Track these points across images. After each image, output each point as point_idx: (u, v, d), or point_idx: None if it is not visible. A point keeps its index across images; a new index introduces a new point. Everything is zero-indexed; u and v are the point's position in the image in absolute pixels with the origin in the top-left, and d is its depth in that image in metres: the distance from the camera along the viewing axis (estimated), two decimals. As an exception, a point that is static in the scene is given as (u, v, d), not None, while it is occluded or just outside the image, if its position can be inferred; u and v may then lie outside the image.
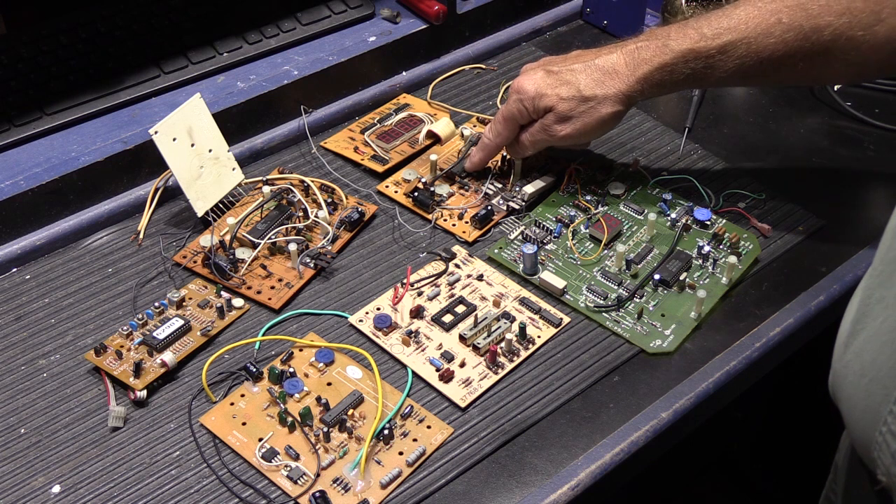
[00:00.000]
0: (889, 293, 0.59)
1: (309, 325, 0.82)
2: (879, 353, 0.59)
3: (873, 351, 0.60)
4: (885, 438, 0.59)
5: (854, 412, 0.62)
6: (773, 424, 1.33)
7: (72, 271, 0.87)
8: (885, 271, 0.60)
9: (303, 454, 0.72)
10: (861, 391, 0.61)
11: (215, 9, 1.06)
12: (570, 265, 0.86)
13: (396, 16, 1.10)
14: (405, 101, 1.05)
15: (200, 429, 0.74)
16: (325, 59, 1.04)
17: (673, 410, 0.75)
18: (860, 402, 0.61)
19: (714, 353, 0.79)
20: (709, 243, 0.87)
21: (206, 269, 0.85)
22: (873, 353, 0.60)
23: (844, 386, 0.64)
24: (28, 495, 0.70)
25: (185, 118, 0.88)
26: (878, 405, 0.59)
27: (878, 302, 0.60)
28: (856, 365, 0.62)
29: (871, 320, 0.61)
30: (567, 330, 0.81)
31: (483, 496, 0.70)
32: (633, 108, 1.04)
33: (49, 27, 0.99)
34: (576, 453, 0.73)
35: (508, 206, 0.91)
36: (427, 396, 0.76)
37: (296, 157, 0.99)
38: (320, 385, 0.76)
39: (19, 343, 0.81)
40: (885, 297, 0.59)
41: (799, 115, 1.04)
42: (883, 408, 0.58)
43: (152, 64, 1.01)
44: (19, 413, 0.76)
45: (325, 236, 0.88)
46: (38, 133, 0.95)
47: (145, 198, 0.92)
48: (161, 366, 0.77)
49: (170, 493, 0.70)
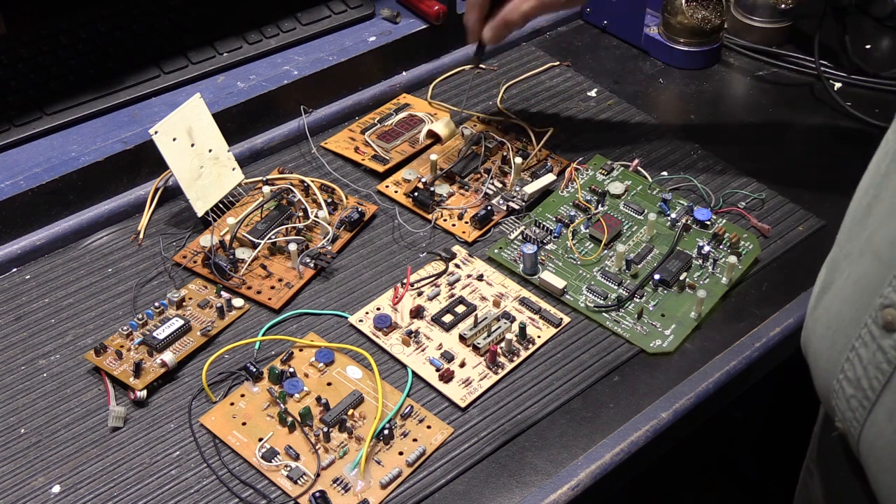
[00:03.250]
0: (854, 248, 0.61)
1: (309, 325, 0.82)
2: (844, 305, 0.61)
3: (839, 303, 0.62)
4: (841, 385, 0.61)
5: (819, 363, 0.64)
6: (773, 424, 1.33)
7: (72, 271, 0.87)
8: (851, 227, 0.62)
9: (303, 454, 0.72)
10: (827, 342, 0.63)
11: (215, 9, 1.06)
12: (570, 265, 0.86)
13: (396, 16, 1.10)
14: (405, 101, 1.05)
15: (200, 429, 0.74)
16: (325, 59, 1.04)
17: (673, 410, 0.75)
18: (825, 352, 0.63)
19: (714, 353, 0.79)
20: (709, 243, 0.87)
21: (206, 269, 0.85)
22: (839, 305, 0.62)
23: (813, 339, 0.66)
24: (28, 495, 0.70)
25: (185, 118, 0.88)
26: (839, 354, 0.61)
27: (844, 258, 0.62)
28: (824, 319, 0.64)
29: (839, 275, 0.63)
30: (567, 330, 0.81)
31: (483, 496, 0.70)
32: (633, 108, 1.04)
33: (49, 27, 0.99)
34: (576, 453, 0.73)
35: (508, 206, 0.91)
36: (427, 396, 0.76)
37: (296, 157, 0.99)
38: (320, 385, 0.76)
39: (19, 343, 0.81)
40: (850, 252, 0.61)
41: (799, 115, 1.04)
42: (842, 356, 0.60)
43: (152, 64, 1.01)
44: (19, 413, 0.76)
45: (325, 236, 0.88)
46: (38, 133, 0.95)
47: (145, 198, 0.92)
48: (161, 366, 0.77)
49: (170, 493, 0.70)
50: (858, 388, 0.59)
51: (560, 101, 1.05)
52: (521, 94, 1.06)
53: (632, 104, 1.05)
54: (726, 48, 1.13)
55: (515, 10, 0.88)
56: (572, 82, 1.08)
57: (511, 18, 0.89)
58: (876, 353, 0.57)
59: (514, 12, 0.88)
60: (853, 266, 0.61)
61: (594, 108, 1.04)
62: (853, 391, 0.60)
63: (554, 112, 1.04)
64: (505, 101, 1.05)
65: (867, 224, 0.60)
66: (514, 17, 0.89)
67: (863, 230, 0.60)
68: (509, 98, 1.05)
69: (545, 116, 1.03)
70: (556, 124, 1.02)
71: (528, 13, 0.88)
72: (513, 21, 0.90)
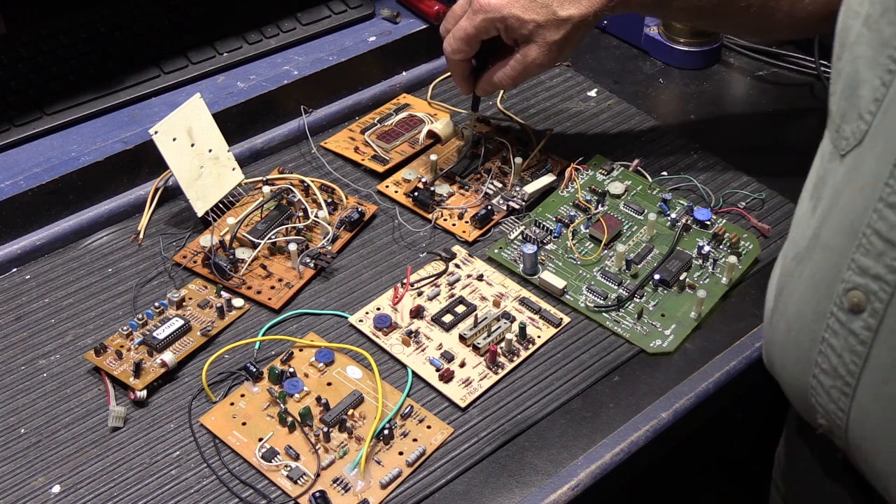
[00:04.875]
0: (802, 249, 0.63)
1: (309, 325, 0.82)
2: (801, 305, 0.62)
3: (796, 304, 0.63)
4: (818, 380, 0.61)
5: (788, 367, 0.65)
6: (772, 424, 1.33)
7: (72, 271, 0.87)
8: (798, 233, 0.64)
9: (303, 454, 0.72)
10: (791, 345, 0.64)
11: (215, 9, 1.06)
12: (570, 265, 0.86)
13: (396, 16, 1.10)
14: (405, 101, 1.05)
15: (200, 429, 0.74)
16: (325, 59, 1.04)
17: (673, 410, 0.75)
18: (792, 354, 0.64)
19: (714, 353, 0.79)
20: (709, 243, 0.87)
21: (206, 269, 0.85)
22: (796, 306, 0.63)
23: (776, 348, 0.67)
24: (28, 495, 0.70)
25: (185, 118, 0.88)
26: (808, 351, 0.62)
27: (793, 260, 0.64)
28: (783, 324, 0.65)
29: (790, 278, 0.64)
30: (567, 330, 0.81)
31: (483, 496, 0.70)
32: (633, 108, 1.04)
33: (49, 27, 0.99)
34: (576, 453, 0.73)
35: (508, 206, 0.91)
36: (427, 396, 0.76)
37: (296, 157, 0.99)
38: (320, 385, 0.76)
39: (19, 343, 0.81)
40: (799, 253, 0.63)
41: (799, 115, 1.04)
42: (812, 352, 0.61)
43: (152, 64, 1.01)
44: (19, 413, 0.76)
45: (325, 236, 0.88)
46: (38, 133, 0.95)
47: (145, 198, 0.92)
48: (161, 366, 0.77)
49: (170, 493, 0.70)
50: (837, 376, 0.60)
51: (560, 101, 1.05)
52: (521, 94, 1.06)
53: (632, 104, 1.05)
54: (726, 48, 1.12)
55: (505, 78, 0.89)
56: (572, 82, 1.08)
57: (500, 83, 0.90)
58: (848, 338, 0.58)
59: (504, 80, 0.89)
60: (805, 266, 0.62)
61: (594, 108, 1.04)
62: (832, 382, 0.60)
63: (554, 112, 1.04)
64: (505, 102, 1.05)
65: (812, 224, 0.61)
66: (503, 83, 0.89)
67: (808, 230, 0.62)
68: (509, 98, 1.05)
69: (545, 116, 1.03)
70: (556, 124, 1.02)
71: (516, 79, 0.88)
72: (502, 86, 0.91)
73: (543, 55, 0.86)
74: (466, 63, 0.90)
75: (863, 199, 0.56)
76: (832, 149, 0.60)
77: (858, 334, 0.57)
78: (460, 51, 0.88)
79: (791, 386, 0.66)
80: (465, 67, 0.90)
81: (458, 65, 0.90)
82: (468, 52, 0.88)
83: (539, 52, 0.85)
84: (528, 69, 0.87)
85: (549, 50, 0.85)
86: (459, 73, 0.91)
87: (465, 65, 0.90)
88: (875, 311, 0.56)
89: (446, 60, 0.91)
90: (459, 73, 0.91)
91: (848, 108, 0.58)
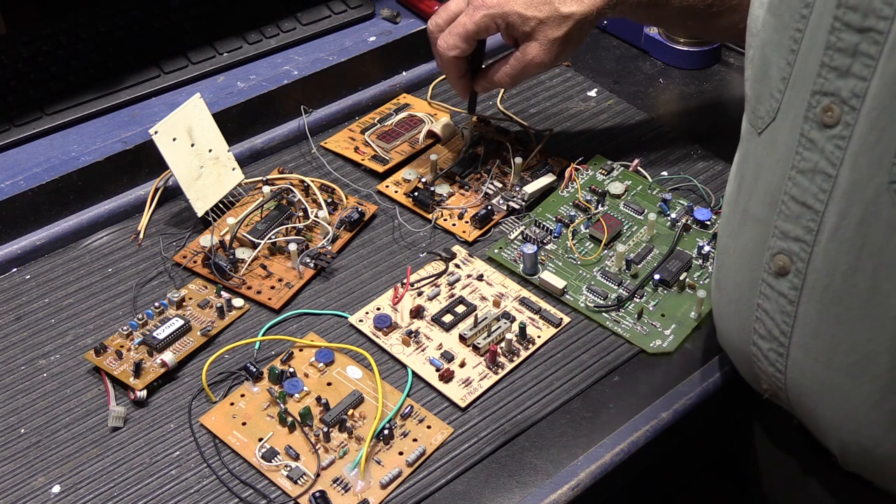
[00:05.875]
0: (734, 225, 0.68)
1: (309, 325, 0.82)
2: (737, 276, 0.67)
3: (733, 277, 0.68)
4: (758, 346, 0.66)
5: (732, 340, 0.70)
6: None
7: (72, 271, 0.87)
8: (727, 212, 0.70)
9: (303, 454, 0.72)
10: (732, 316, 0.69)
11: (215, 9, 1.06)
12: (570, 265, 0.86)
13: (396, 16, 1.10)
14: (405, 101, 1.05)
15: (200, 429, 0.74)
16: (325, 59, 1.04)
17: (673, 410, 0.75)
18: (734, 325, 0.69)
19: (714, 353, 0.79)
20: (709, 243, 0.87)
21: (206, 269, 0.85)
22: (733, 278, 0.68)
23: (722, 325, 0.72)
24: (28, 495, 0.70)
25: (185, 118, 0.88)
26: (747, 319, 0.66)
27: (727, 237, 0.69)
28: (724, 298, 0.70)
29: (726, 255, 0.69)
30: (567, 330, 0.81)
31: (483, 496, 0.70)
32: (633, 108, 1.04)
33: (49, 27, 0.99)
34: (576, 453, 0.73)
35: (508, 206, 0.91)
36: (427, 396, 0.76)
37: (296, 157, 0.99)
38: (320, 385, 0.76)
39: (19, 343, 0.81)
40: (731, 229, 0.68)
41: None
42: (750, 318, 0.66)
43: (152, 64, 1.01)
44: (19, 413, 0.76)
45: (325, 236, 0.88)
46: (38, 133, 0.95)
47: (145, 198, 0.92)
48: (161, 366, 0.77)
49: (170, 493, 0.70)
50: (772, 339, 0.64)
51: (560, 101, 1.05)
52: (521, 94, 1.06)
53: (632, 104, 1.05)
54: (726, 48, 1.12)
55: (504, 77, 0.88)
56: (572, 82, 1.08)
57: (499, 82, 0.89)
58: (778, 300, 0.63)
59: (503, 79, 0.89)
60: (735, 240, 0.67)
61: (594, 108, 1.04)
62: (769, 345, 0.65)
63: (554, 112, 1.04)
64: (505, 102, 1.05)
65: (739, 201, 0.66)
66: (502, 82, 0.89)
67: (737, 207, 0.67)
68: (509, 98, 1.05)
69: (545, 116, 1.03)
70: (556, 124, 1.02)
71: (515, 77, 0.88)
72: (501, 86, 0.90)
73: (544, 53, 0.85)
74: (462, 61, 0.89)
75: (780, 170, 0.61)
76: (750, 128, 0.65)
77: (786, 294, 0.62)
78: (456, 47, 0.86)
79: (738, 359, 0.71)
80: (460, 66, 0.89)
81: (453, 62, 0.88)
82: (465, 50, 0.87)
83: (540, 49, 0.85)
84: (528, 68, 0.87)
85: (550, 48, 0.85)
86: (455, 72, 0.89)
87: (460, 63, 0.89)
88: (798, 270, 0.61)
89: (438, 60, 0.89)
90: (455, 73, 0.90)
91: (761, 90, 0.63)
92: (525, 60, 0.86)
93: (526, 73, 0.88)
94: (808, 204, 0.59)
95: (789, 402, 0.66)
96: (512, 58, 0.87)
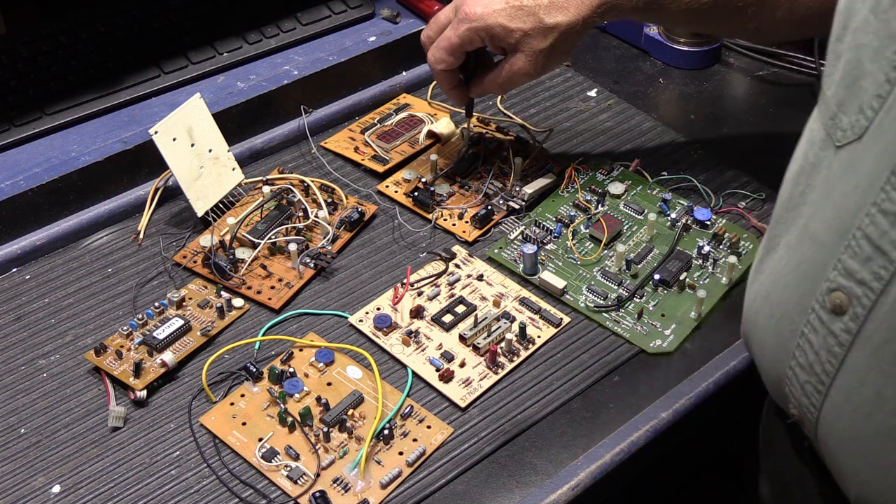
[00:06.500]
0: (791, 236, 0.62)
1: (309, 325, 0.82)
2: (786, 292, 0.62)
3: (780, 291, 0.62)
4: (794, 372, 0.61)
5: (766, 352, 0.65)
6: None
7: (72, 271, 0.87)
8: (786, 217, 0.63)
9: (303, 454, 0.72)
10: (771, 332, 0.64)
11: (215, 9, 1.06)
12: (570, 265, 0.86)
13: (396, 16, 1.10)
14: (405, 101, 1.05)
15: (200, 429, 0.74)
16: (325, 59, 1.04)
17: (673, 410, 0.75)
18: (770, 341, 0.64)
19: (714, 353, 0.79)
20: (709, 243, 0.87)
21: (206, 269, 0.85)
22: (780, 293, 0.62)
23: (755, 329, 0.67)
24: (28, 495, 0.70)
25: (185, 118, 0.88)
26: (787, 342, 0.61)
27: (780, 245, 0.63)
28: (766, 309, 0.65)
29: (775, 262, 0.63)
30: (567, 330, 0.81)
31: (483, 496, 0.70)
32: (633, 108, 1.04)
33: (49, 27, 0.99)
34: (576, 453, 0.73)
35: (508, 206, 0.91)
36: (427, 396, 0.76)
37: (296, 157, 0.99)
38: (320, 385, 0.76)
39: (19, 343, 0.81)
40: (788, 240, 0.62)
41: (799, 115, 1.04)
42: (791, 343, 0.61)
43: (152, 64, 1.01)
44: (19, 413, 0.76)
45: (325, 236, 0.88)
46: (38, 133, 0.95)
47: (145, 198, 0.92)
48: (161, 366, 0.77)
49: (170, 493, 0.70)
50: (812, 373, 0.59)
51: (560, 101, 1.05)
52: (521, 94, 1.06)
53: (632, 104, 1.05)
54: (726, 48, 1.12)
55: (494, 86, 0.88)
56: (572, 82, 1.08)
57: (490, 90, 0.90)
58: (827, 338, 0.57)
59: (493, 88, 0.89)
60: (791, 253, 0.61)
61: (594, 108, 1.04)
62: (807, 377, 0.60)
63: (554, 112, 1.04)
64: (505, 102, 1.05)
65: (802, 212, 0.60)
66: (493, 90, 0.89)
67: (798, 217, 0.61)
68: (509, 98, 1.05)
69: (545, 116, 1.03)
70: (556, 124, 1.02)
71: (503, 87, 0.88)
72: (493, 92, 0.90)
73: (530, 65, 0.84)
74: (452, 73, 0.88)
75: (856, 199, 0.54)
76: (825, 136, 0.58)
77: (838, 336, 0.57)
78: (443, 61, 0.86)
79: (767, 370, 0.67)
80: (450, 78, 0.89)
81: (443, 75, 0.88)
82: (452, 63, 0.87)
83: (525, 61, 0.84)
84: (515, 78, 0.86)
85: (536, 59, 0.84)
86: (446, 83, 0.90)
87: (450, 75, 0.88)
88: (856, 315, 0.55)
89: (438, 78, 0.90)
90: (446, 84, 0.90)
91: (847, 98, 0.55)
92: (512, 72, 0.85)
93: (513, 84, 0.87)
94: (884, 249, 0.52)
95: (815, 436, 0.62)
96: (500, 68, 0.87)
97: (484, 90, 0.90)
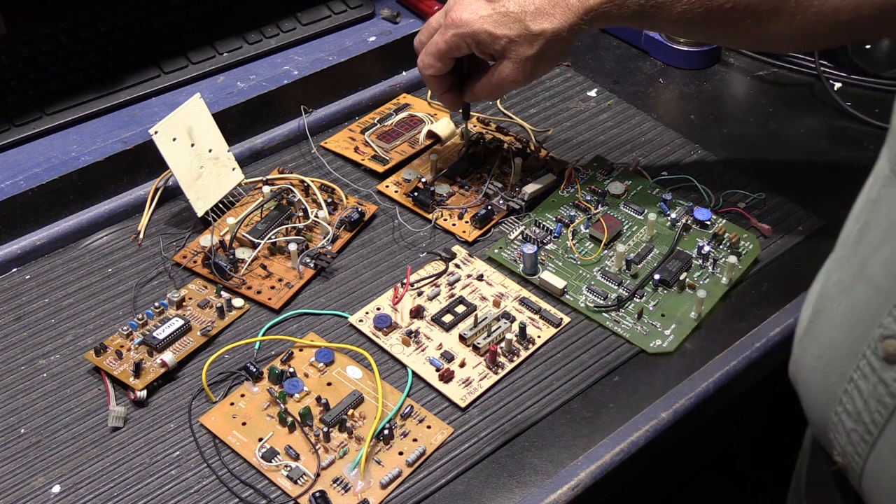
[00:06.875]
0: (847, 276, 0.59)
1: (309, 325, 0.82)
2: (836, 335, 0.59)
3: (830, 333, 0.60)
4: (840, 418, 0.59)
5: (812, 395, 0.63)
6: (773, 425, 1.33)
7: (72, 271, 0.87)
8: (843, 255, 0.61)
9: (303, 454, 0.72)
10: (818, 374, 0.61)
11: (215, 9, 1.06)
12: (570, 265, 0.86)
13: (396, 16, 1.10)
14: (405, 101, 1.05)
15: (200, 429, 0.74)
16: (325, 59, 1.04)
17: (673, 410, 0.75)
18: (818, 383, 0.62)
19: (714, 353, 0.79)
20: (709, 243, 0.87)
21: (206, 269, 0.85)
22: (830, 335, 0.60)
23: (803, 370, 0.64)
24: (28, 495, 0.70)
25: (185, 118, 0.88)
26: (834, 386, 0.59)
27: (835, 285, 0.61)
28: (814, 348, 0.62)
29: (829, 303, 0.61)
30: (567, 330, 0.81)
31: (483, 496, 0.70)
32: (633, 108, 1.04)
33: (49, 27, 0.99)
34: (576, 453, 0.73)
35: (508, 206, 0.91)
36: (427, 396, 0.76)
37: (296, 157, 0.99)
38: (320, 385, 0.76)
39: (19, 343, 0.81)
40: (842, 279, 0.60)
41: (799, 115, 1.04)
42: (838, 388, 0.59)
43: (152, 64, 1.01)
44: (19, 413, 0.76)
45: (325, 236, 0.88)
46: (38, 133, 0.95)
47: (145, 198, 0.92)
48: (161, 366, 0.77)
49: (170, 493, 0.70)
50: (860, 421, 0.57)
51: (560, 101, 1.05)
52: (521, 94, 1.06)
53: (632, 104, 1.05)
54: (726, 48, 1.12)
55: (483, 93, 0.88)
56: (572, 82, 1.08)
57: (481, 96, 0.89)
58: (877, 386, 0.55)
59: (482, 94, 0.88)
60: (846, 295, 0.59)
61: (594, 108, 1.04)
62: (854, 425, 0.58)
63: (554, 112, 1.04)
64: (505, 101, 1.05)
65: (859, 252, 0.58)
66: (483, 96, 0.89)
67: (854, 257, 0.58)
68: (509, 98, 1.05)
69: (545, 116, 1.03)
70: (556, 124, 1.02)
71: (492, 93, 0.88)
72: (484, 98, 0.90)
73: (517, 72, 0.84)
74: (442, 78, 0.88)
75: None
76: (889, 173, 0.55)
77: (889, 385, 0.54)
78: (431, 66, 0.86)
79: (812, 412, 0.64)
80: (441, 83, 0.89)
81: (433, 80, 0.88)
82: (440, 69, 0.86)
83: (513, 68, 0.84)
84: (503, 85, 0.85)
85: (524, 66, 0.83)
86: (437, 88, 0.89)
87: (440, 80, 0.88)
88: None
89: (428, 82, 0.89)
90: (437, 89, 0.89)
91: None
92: (500, 78, 0.85)
93: (503, 91, 0.87)
94: None
95: (860, 486, 0.60)
96: (489, 75, 0.86)
97: (476, 96, 0.89)
